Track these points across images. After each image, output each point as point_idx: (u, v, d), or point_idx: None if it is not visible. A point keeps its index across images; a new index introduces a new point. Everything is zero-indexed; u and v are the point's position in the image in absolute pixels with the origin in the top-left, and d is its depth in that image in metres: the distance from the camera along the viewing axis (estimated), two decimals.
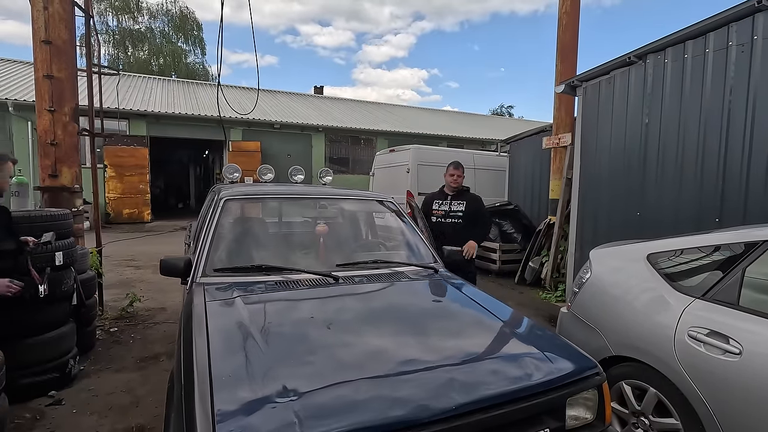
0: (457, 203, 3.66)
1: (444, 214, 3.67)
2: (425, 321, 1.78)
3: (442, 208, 3.70)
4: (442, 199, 3.74)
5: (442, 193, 3.79)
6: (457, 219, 3.62)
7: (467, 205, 3.64)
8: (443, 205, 3.71)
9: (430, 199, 3.85)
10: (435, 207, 3.74)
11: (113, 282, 5.76)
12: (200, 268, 2.08)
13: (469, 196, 3.73)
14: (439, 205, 3.73)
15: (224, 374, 1.29)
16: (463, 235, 3.54)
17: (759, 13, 3.46)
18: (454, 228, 3.61)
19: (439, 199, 3.76)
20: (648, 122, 4.36)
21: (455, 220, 3.62)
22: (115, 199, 12.72)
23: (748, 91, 3.55)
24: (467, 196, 3.72)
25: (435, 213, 3.72)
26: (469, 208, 3.62)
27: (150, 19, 26.46)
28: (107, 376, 3.13)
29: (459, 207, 3.64)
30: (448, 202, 3.69)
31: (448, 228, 3.63)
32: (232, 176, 3.46)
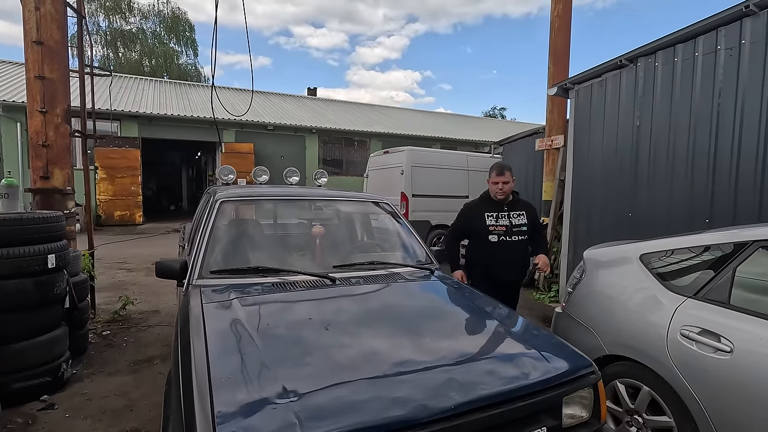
0: (517, 215, 2.96)
1: (506, 231, 2.90)
2: (422, 321, 1.79)
3: (502, 222, 2.91)
4: (496, 211, 2.94)
5: (494, 203, 2.97)
6: (522, 235, 2.94)
7: (528, 216, 2.99)
8: (502, 218, 2.92)
9: (477, 211, 2.98)
10: (491, 222, 2.91)
11: (105, 285, 5.70)
12: (196, 270, 2.07)
13: (525, 203, 3.08)
14: (496, 219, 2.92)
15: (223, 376, 1.29)
16: (528, 254, 3.02)
17: (746, 17, 3.53)
18: (522, 246, 2.95)
19: (492, 211, 2.95)
20: (639, 124, 4.42)
21: (521, 237, 2.93)
22: (106, 201, 12.60)
23: (737, 93, 3.62)
24: (524, 205, 3.05)
25: (494, 230, 2.90)
26: (531, 219, 2.99)
27: (141, 19, 26.31)
28: (100, 380, 3.10)
29: (521, 220, 2.95)
30: (507, 214, 2.93)
31: (517, 247, 2.92)
32: (227, 178, 3.45)
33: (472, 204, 3.09)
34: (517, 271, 3.01)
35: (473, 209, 3.02)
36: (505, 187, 2.89)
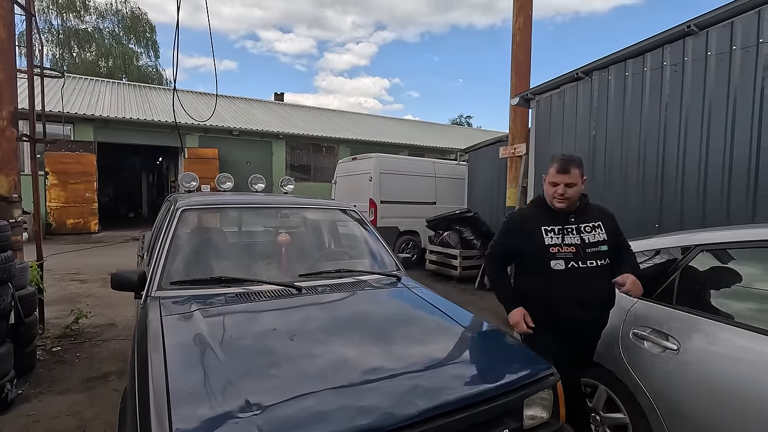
0: (591, 227, 1.97)
1: (577, 253, 1.92)
2: (388, 329, 1.80)
3: (570, 240, 1.93)
4: (559, 224, 1.97)
5: (553, 213, 2.00)
6: (602, 258, 1.95)
7: (607, 227, 2.00)
8: (570, 234, 1.94)
9: (529, 225, 2.01)
10: (551, 240, 1.94)
11: (56, 298, 5.37)
12: (155, 281, 2.00)
13: (600, 210, 2.09)
14: (560, 236, 1.94)
15: (183, 391, 1.25)
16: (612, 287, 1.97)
17: (689, 36, 3.80)
18: (602, 275, 1.94)
19: (553, 223, 1.97)
20: (595, 134, 4.65)
21: (600, 261, 1.94)
22: (57, 209, 11.89)
23: (681, 107, 3.88)
24: (599, 212, 2.06)
25: (558, 252, 1.92)
26: (611, 232, 2.00)
27: (98, 18, 25.16)
28: (49, 400, 2.91)
29: (598, 235, 1.96)
30: (574, 227, 1.96)
31: (595, 277, 1.93)
32: (189, 185, 3.35)
33: (521, 213, 2.13)
34: (596, 314, 1.97)
35: (524, 221, 2.04)
36: (569, 192, 1.89)
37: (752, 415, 1.56)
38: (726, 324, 1.76)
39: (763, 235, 1.83)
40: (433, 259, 7.56)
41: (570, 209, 1.98)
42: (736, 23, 3.49)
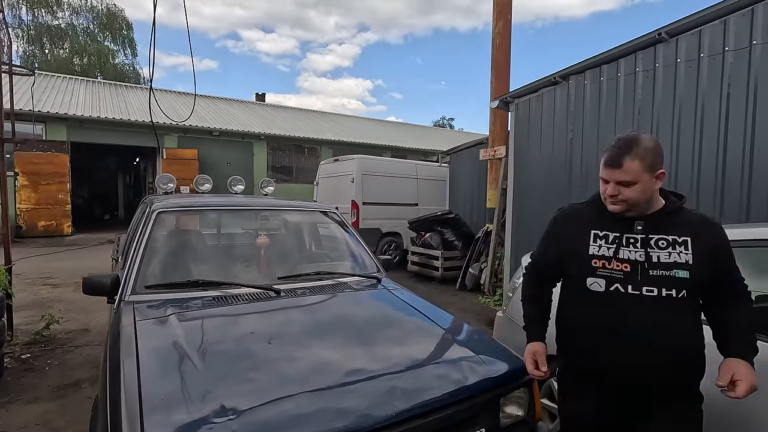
0: (670, 242, 1.32)
1: (633, 272, 1.32)
2: (367, 331, 1.81)
3: (627, 254, 1.34)
4: (618, 231, 1.37)
5: (611, 216, 1.39)
6: (673, 288, 1.29)
7: (699, 245, 1.31)
8: (630, 247, 1.34)
9: (580, 224, 1.45)
10: (599, 250, 1.37)
11: (26, 303, 5.19)
12: (129, 285, 1.95)
13: (699, 220, 1.37)
14: (613, 246, 1.36)
15: (156, 397, 1.23)
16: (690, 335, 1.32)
17: (659, 43, 3.93)
18: (668, 313, 1.29)
19: (608, 228, 1.39)
20: (572, 137, 4.76)
21: (668, 292, 1.29)
22: (28, 211, 11.48)
23: (652, 111, 4.01)
24: (695, 223, 1.35)
25: (602, 266, 1.35)
26: (705, 254, 1.31)
27: (72, 15, 24.42)
28: (18, 409, 2.81)
29: (679, 253, 1.31)
30: (640, 238, 1.34)
31: (653, 312, 1.29)
32: (166, 187, 3.30)
33: (573, 208, 1.54)
34: (658, 369, 1.29)
35: (573, 219, 1.50)
36: (626, 193, 1.29)
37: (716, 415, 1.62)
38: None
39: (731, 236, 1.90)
40: (415, 260, 7.60)
41: (637, 214, 1.33)
42: (704, 32, 3.63)
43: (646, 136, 1.32)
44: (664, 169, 1.32)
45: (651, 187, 1.30)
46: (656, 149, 1.30)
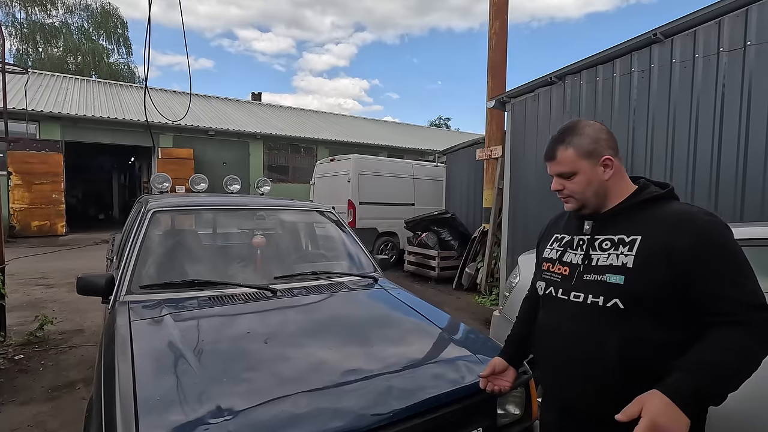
0: (615, 243, 1.10)
1: (569, 277, 1.17)
2: (364, 330, 1.80)
3: (570, 257, 1.19)
4: (571, 232, 1.24)
5: (574, 216, 1.25)
6: (607, 295, 1.06)
7: (649, 244, 1.04)
8: (576, 249, 1.19)
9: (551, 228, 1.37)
10: (550, 252, 1.27)
11: (19, 303, 5.14)
12: (124, 285, 1.94)
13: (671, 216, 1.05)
14: (563, 249, 1.23)
15: (151, 398, 1.22)
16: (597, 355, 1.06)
17: (655, 44, 3.95)
18: (600, 318, 1.07)
19: (565, 230, 1.27)
20: None
21: (600, 299, 1.07)
22: (21, 210, 11.39)
23: (648, 112, 4.03)
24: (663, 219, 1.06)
25: (547, 269, 1.25)
26: (659, 255, 1.01)
27: (66, 13, 24.24)
28: (11, 411, 2.78)
29: (621, 254, 1.07)
30: (587, 239, 1.17)
31: (580, 317, 1.11)
32: (161, 186, 3.28)
33: (553, 219, 1.42)
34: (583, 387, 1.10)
35: (548, 225, 1.41)
36: (570, 186, 1.16)
37: None
38: None
39: None
40: (412, 260, 7.60)
41: (592, 211, 1.17)
42: (698, 32, 3.65)
43: (585, 122, 1.17)
44: (618, 156, 1.15)
45: (597, 177, 1.13)
46: (595, 134, 1.13)
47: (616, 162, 1.14)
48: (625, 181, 1.16)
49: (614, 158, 1.13)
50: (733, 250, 0.99)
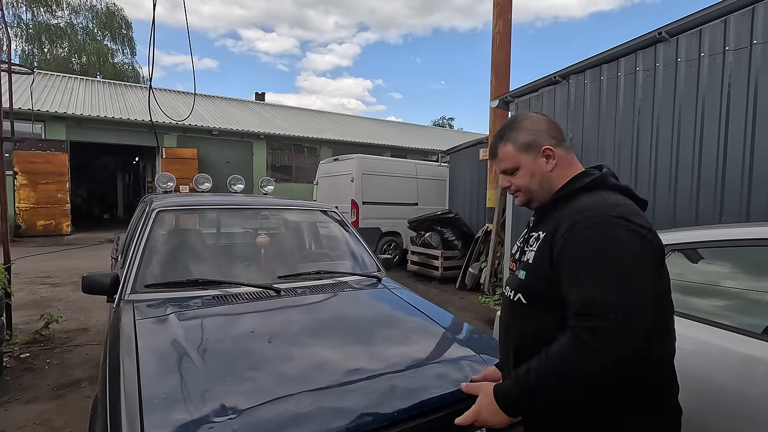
0: (536, 238, 1.10)
1: (510, 275, 1.23)
2: (368, 330, 1.80)
3: (517, 253, 1.22)
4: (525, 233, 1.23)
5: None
6: (517, 291, 1.13)
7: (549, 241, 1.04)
8: (523, 245, 1.19)
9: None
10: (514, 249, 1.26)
11: (25, 302, 5.18)
12: (129, 284, 1.95)
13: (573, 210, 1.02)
14: (518, 245, 1.24)
15: (156, 396, 1.22)
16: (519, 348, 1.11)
17: (660, 43, 3.93)
18: (519, 312, 1.13)
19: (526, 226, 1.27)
20: (572, 137, 4.75)
21: (515, 295, 1.14)
22: (27, 210, 11.47)
23: (653, 110, 4.01)
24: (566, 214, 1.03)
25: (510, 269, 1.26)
26: (549, 252, 1.03)
27: (71, 14, 24.39)
28: (17, 409, 2.80)
29: (532, 251, 1.10)
30: (526, 236, 1.20)
31: (512, 312, 1.16)
32: (166, 186, 3.29)
33: None
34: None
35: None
36: (516, 182, 1.16)
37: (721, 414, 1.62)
38: (697, 322, 1.82)
39: (731, 235, 1.90)
40: (415, 259, 7.59)
41: (540, 205, 1.16)
42: (704, 31, 3.62)
43: (524, 116, 1.16)
44: (563, 145, 1.12)
45: (540, 168, 1.11)
46: (533, 126, 1.12)
47: (559, 152, 1.11)
48: (572, 171, 1.12)
49: (556, 148, 1.11)
50: (597, 251, 0.92)
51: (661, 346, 1.03)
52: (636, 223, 0.95)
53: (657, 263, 0.98)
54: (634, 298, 0.89)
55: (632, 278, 0.90)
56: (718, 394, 1.63)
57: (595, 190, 1.05)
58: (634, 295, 0.89)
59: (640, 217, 0.99)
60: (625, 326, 0.87)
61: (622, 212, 0.96)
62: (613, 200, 1.01)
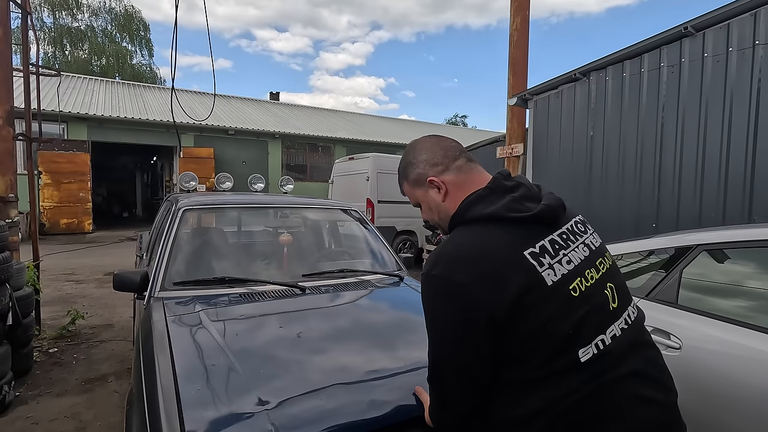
0: None
1: None
2: (395, 329, 1.80)
3: None
4: None
5: None
6: None
7: None
8: None
9: None
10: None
11: (52, 298, 5.33)
12: (158, 281, 1.98)
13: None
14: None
15: (192, 391, 1.24)
16: None
17: (685, 38, 3.84)
18: None
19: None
20: (593, 135, 4.68)
21: None
22: (51, 209, 11.79)
23: (678, 108, 3.91)
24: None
25: None
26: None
27: (91, 16, 24.95)
28: (47, 402, 2.89)
29: None
30: None
31: None
32: (188, 185, 3.34)
33: None
34: None
35: None
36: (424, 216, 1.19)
37: (747, 414, 1.58)
38: (727, 323, 1.78)
39: (763, 235, 1.85)
40: None
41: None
42: (732, 25, 3.52)
43: (410, 147, 1.13)
44: (449, 169, 1.03)
45: (433, 199, 1.06)
46: (415, 157, 1.08)
47: (446, 178, 1.02)
48: (464, 193, 1.00)
49: (441, 175, 1.03)
50: (425, 306, 0.92)
51: (517, 408, 0.86)
52: (449, 280, 0.85)
53: (472, 321, 0.84)
54: (437, 366, 0.92)
55: (438, 345, 0.90)
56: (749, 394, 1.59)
57: (457, 226, 0.98)
58: (437, 364, 0.92)
59: (464, 265, 0.85)
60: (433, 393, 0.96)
61: (442, 266, 0.88)
62: (449, 247, 0.91)
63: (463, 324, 0.84)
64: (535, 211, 0.89)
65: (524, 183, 0.99)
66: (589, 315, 0.85)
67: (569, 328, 0.82)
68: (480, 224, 0.91)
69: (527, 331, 0.81)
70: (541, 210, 0.90)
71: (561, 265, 0.86)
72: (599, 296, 0.90)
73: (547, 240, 0.89)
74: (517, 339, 0.82)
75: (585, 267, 0.90)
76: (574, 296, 0.85)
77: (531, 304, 0.81)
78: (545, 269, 0.84)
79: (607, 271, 0.96)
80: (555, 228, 0.93)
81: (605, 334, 0.86)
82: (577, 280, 0.87)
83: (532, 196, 0.95)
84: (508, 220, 0.89)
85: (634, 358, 0.89)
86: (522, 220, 0.89)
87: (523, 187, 0.96)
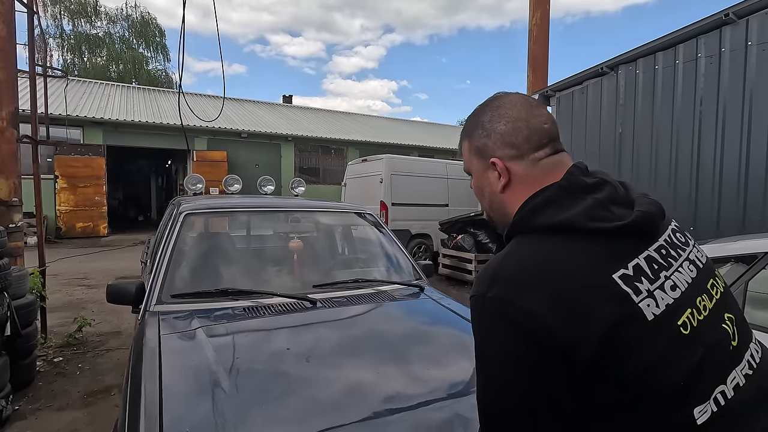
0: None
1: None
2: (416, 349, 1.59)
3: None
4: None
5: None
6: None
7: None
8: None
9: None
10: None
11: (61, 304, 5.24)
12: (155, 293, 1.81)
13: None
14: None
15: (178, 422, 1.06)
16: None
17: (726, 26, 3.55)
18: None
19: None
20: (621, 132, 4.40)
21: None
22: (67, 212, 11.87)
23: (718, 101, 3.62)
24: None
25: None
26: None
27: (108, 23, 25.38)
28: (47, 416, 2.74)
29: None
30: None
31: None
32: (195, 187, 3.19)
33: None
34: None
35: None
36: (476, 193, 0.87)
37: None
38: None
39: None
40: (447, 263, 7.33)
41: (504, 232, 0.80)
42: None
43: (497, 98, 0.80)
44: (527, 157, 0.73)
45: (490, 183, 0.77)
46: (491, 122, 0.76)
47: (514, 167, 0.74)
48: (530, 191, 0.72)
49: (511, 161, 0.74)
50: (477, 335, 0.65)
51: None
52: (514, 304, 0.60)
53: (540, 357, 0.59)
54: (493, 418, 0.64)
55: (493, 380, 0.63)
56: None
57: (517, 235, 0.70)
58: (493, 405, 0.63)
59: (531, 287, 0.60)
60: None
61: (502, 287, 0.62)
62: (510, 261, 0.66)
63: (531, 365, 0.59)
64: (628, 221, 0.64)
65: (609, 180, 0.72)
66: (705, 360, 0.61)
67: (681, 378, 0.58)
68: (551, 235, 0.66)
69: (622, 378, 0.57)
70: (636, 219, 0.65)
71: (664, 292, 0.62)
72: (716, 333, 0.65)
73: (643, 257, 0.64)
74: (607, 390, 0.58)
75: (695, 293, 0.66)
76: (685, 334, 0.61)
77: (630, 340, 0.58)
78: (643, 298, 0.60)
79: (721, 297, 0.71)
80: (651, 241, 0.67)
81: (726, 384, 0.62)
82: (687, 312, 0.63)
83: (621, 199, 0.69)
84: (590, 232, 0.64)
85: (764, 414, 0.64)
86: (609, 231, 0.64)
87: (607, 186, 0.70)
